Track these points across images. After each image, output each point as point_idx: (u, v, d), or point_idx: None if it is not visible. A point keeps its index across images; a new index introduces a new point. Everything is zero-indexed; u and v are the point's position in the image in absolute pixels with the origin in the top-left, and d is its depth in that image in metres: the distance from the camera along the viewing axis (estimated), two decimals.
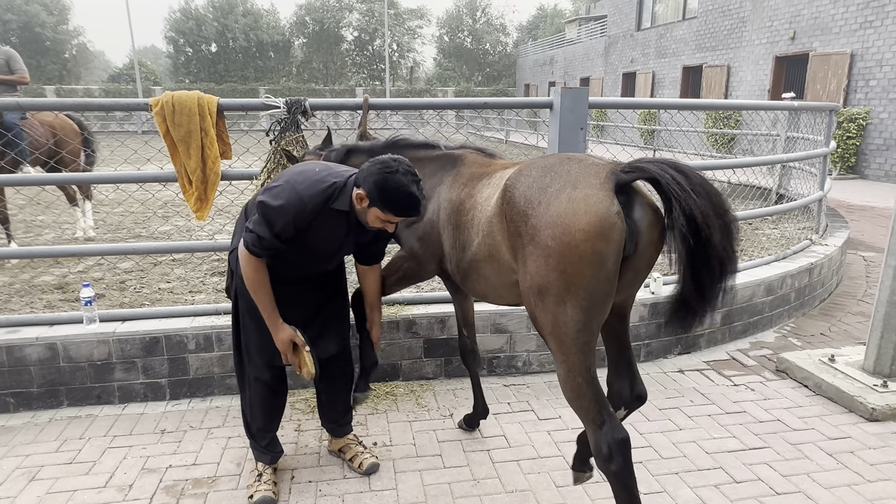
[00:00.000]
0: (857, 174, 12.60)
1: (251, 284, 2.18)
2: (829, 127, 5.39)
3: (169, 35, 40.17)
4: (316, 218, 2.12)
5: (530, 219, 1.78)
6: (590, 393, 1.80)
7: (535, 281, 1.77)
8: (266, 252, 2.13)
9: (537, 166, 1.89)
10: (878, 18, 12.17)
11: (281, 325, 2.24)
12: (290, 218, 2.07)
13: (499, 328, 3.46)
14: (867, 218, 8.33)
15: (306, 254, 2.25)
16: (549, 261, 1.72)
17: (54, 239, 6.59)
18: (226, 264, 5.49)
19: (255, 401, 2.47)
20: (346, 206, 2.13)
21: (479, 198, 2.15)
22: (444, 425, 2.98)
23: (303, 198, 2.07)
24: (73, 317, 3.27)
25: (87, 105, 3.21)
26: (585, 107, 3.32)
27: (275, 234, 2.08)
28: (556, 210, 1.72)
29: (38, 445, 2.81)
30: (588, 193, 1.70)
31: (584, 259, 1.68)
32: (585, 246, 1.67)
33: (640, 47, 22.47)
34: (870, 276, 5.54)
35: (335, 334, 2.53)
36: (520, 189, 1.85)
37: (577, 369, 1.79)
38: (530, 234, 1.78)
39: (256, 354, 2.40)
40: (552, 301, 1.75)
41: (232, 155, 3.27)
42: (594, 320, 1.77)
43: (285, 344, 2.25)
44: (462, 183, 2.32)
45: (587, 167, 1.79)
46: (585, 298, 1.72)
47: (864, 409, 3.02)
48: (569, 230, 1.68)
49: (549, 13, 46.79)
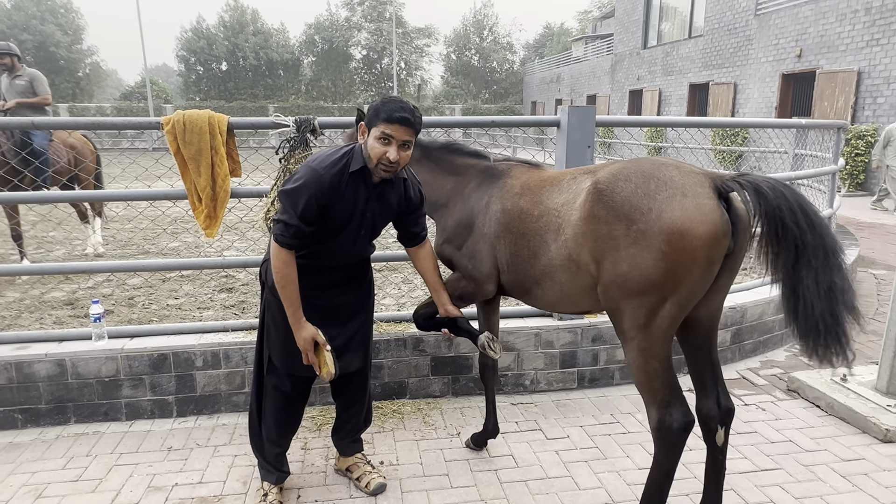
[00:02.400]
0: (866, 191, 12.54)
1: (279, 279, 2.19)
2: (838, 144, 5.37)
3: (180, 54, 40.75)
4: (336, 192, 2.17)
5: (636, 223, 1.86)
6: (665, 376, 1.96)
7: (637, 280, 1.87)
8: (294, 240, 2.16)
9: (634, 172, 1.96)
10: (884, 36, 12.19)
11: (304, 323, 2.24)
12: (312, 193, 2.11)
13: (507, 346, 3.44)
14: (877, 235, 8.28)
15: (333, 233, 2.25)
16: (660, 263, 1.82)
17: (65, 255, 6.64)
18: (234, 281, 5.55)
19: (271, 411, 2.47)
20: (360, 162, 2.18)
21: (552, 203, 2.20)
22: (452, 444, 2.95)
23: (319, 171, 2.14)
24: (82, 333, 3.28)
25: (100, 124, 3.25)
26: (593, 125, 3.33)
27: (300, 216, 2.12)
28: (670, 216, 1.82)
29: (45, 462, 2.81)
30: (700, 203, 1.82)
31: (697, 263, 1.82)
32: (701, 252, 1.81)
33: (646, 65, 22.58)
34: (881, 295, 5.49)
35: (360, 349, 2.51)
36: (621, 194, 1.92)
37: (658, 356, 1.93)
38: (633, 238, 1.86)
39: (278, 363, 2.40)
40: (654, 299, 1.87)
41: (241, 173, 3.30)
42: (684, 315, 1.93)
43: (307, 342, 2.24)
44: (517, 192, 2.38)
45: (688, 175, 1.90)
46: (686, 297, 1.88)
47: (878, 430, 2.97)
48: (686, 236, 1.80)
49: (555, 31, 47.16)
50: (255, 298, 4.98)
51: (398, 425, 3.15)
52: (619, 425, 3.13)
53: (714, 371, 2.13)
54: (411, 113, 2.12)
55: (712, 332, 2.11)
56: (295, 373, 2.40)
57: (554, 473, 2.71)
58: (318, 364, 2.28)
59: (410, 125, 2.12)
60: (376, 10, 44.29)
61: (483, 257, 2.47)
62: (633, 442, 2.97)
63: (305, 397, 2.56)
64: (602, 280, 1.98)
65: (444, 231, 2.66)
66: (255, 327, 3.40)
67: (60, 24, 38.56)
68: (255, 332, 3.34)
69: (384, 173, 2.18)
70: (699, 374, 2.14)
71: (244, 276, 5.66)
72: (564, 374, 3.54)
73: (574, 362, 3.53)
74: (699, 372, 2.14)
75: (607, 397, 3.45)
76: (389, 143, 2.11)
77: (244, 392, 3.26)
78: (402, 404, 3.36)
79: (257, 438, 2.54)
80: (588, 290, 2.11)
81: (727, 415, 2.12)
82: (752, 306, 3.95)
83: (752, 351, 4.03)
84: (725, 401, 2.12)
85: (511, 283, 2.43)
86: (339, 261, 2.39)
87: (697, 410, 2.12)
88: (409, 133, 2.13)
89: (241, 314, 4.56)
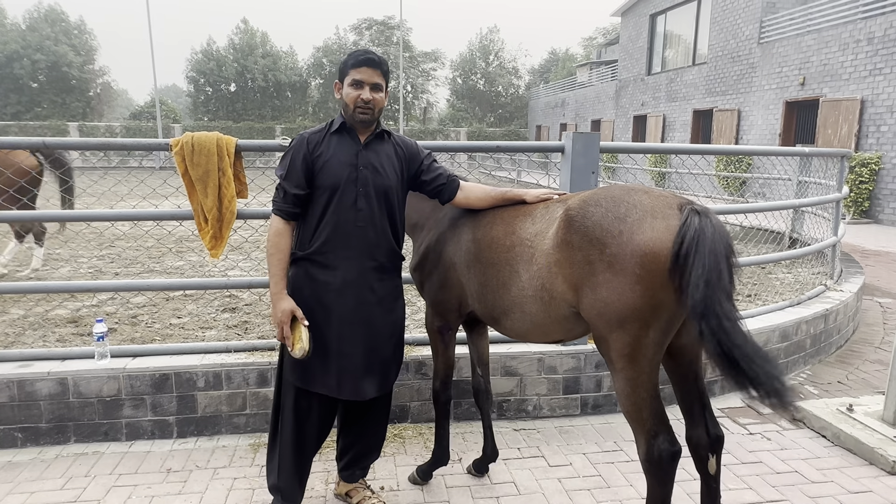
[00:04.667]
0: (871, 219, 12.53)
1: (269, 247, 2.28)
2: (842, 172, 5.39)
3: (190, 75, 41.31)
4: (318, 146, 2.29)
5: (609, 247, 1.86)
6: (652, 406, 1.92)
7: (616, 307, 1.85)
8: (286, 205, 2.27)
9: (603, 197, 1.97)
10: (887, 66, 12.29)
11: (283, 296, 2.25)
12: (294, 152, 2.28)
13: (509, 371, 3.43)
14: (882, 263, 8.25)
15: (329, 191, 2.27)
16: (637, 287, 1.80)
17: (70, 273, 6.67)
18: (237, 301, 5.55)
19: (286, 434, 2.37)
20: (341, 120, 2.33)
21: (524, 234, 2.19)
22: (453, 470, 2.92)
23: (303, 135, 2.33)
24: (84, 352, 3.29)
25: (111, 145, 3.30)
26: (597, 151, 3.36)
27: (284, 177, 2.27)
28: (641, 238, 1.81)
29: (43, 482, 2.79)
30: (670, 224, 1.82)
31: (671, 284, 1.78)
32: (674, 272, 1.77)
33: (650, 91, 22.78)
34: (887, 323, 5.45)
35: (376, 375, 2.38)
36: (591, 218, 1.93)
37: (645, 385, 1.90)
38: (608, 262, 1.85)
39: (291, 376, 2.33)
40: (636, 325, 1.84)
41: (248, 194, 3.33)
42: (668, 340, 1.91)
43: (285, 313, 2.22)
44: (488, 222, 2.37)
45: (657, 198, 1.92)
46: (668, 321, 1.85)
47: (885, 461, 2.93)
48: (659, 257, 1.78)
49: (560, 57, 47.71)
50: (258, 319, 4.98)
51: (399, 450, 3.12)
52: (623, 453, 3.10)
53: (702, 399, 2.10)
54: (374, 55, 2.27)
55: (697, 359, 2.09)
56: (307, 387, 2.32)
57: (556, 502, 2.67)
58: (293, 340, 2.22)
59: (376, 65, 2.25)
60: (384, 35, 44.95)
61: (451, 285, 2.45)
62: (637, 470, 2.93)
63: (323, 425, 2.44)
64: (583, 308, 1.96)
65: (417, 254, 2.68)
66: (258, 348, 3.40)
67: (73, 45, 39.18)
68: (256, 354, 3.34)
69: (362, 115, 2.27)
70: (687, 404, 2.11)
71: (248, 297, 5.66)
72: (567, 400, 3.51)
73: (577, 388, 3.51)
74: (687, 401, 2.11)
75: (610, 424, 3.42)
76: (361, 86, 2.25)
77: (245, 413, 3.25)
78: (403, 428, 3.33)
79: (272, 464, 2.44)
80: (561, 320, 2.09)
81: (717, 442, 2.09)
82: (757, 334, 3.92)
83: None
84: (714, 429, 2.08)
85: (480, 313, 2.42)
86: (353, 247, 2.29)
87: (687, 440, 2.09)
88: (377, 74, 2.26)
89: (244, 335, 4.55)
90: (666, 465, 1.93)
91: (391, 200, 2.36)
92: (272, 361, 3.24)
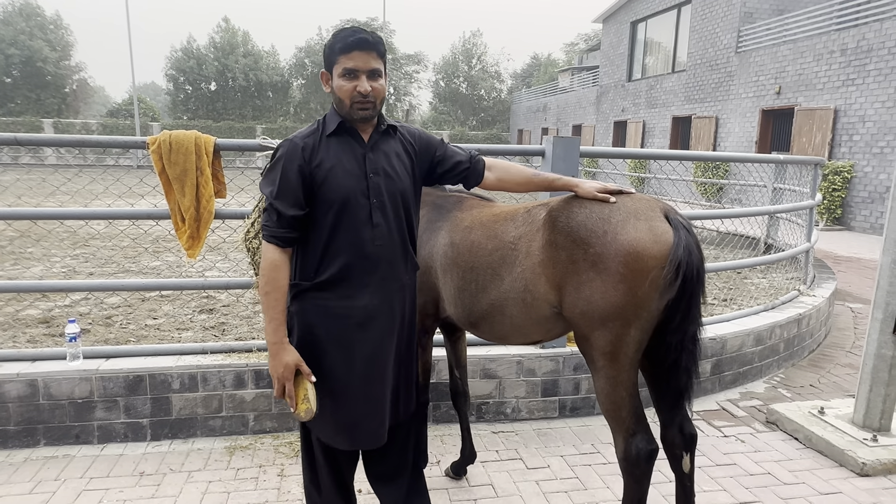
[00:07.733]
0: (843, 226, 12.81)
1: (263, 283, 1.84)
2: (815, 179, 5.50)
3: (169, 73, 40.75)
4: (314, 152, 1.87)
5: (593, 246, 1.88)
6: (631, 405, 1.95)
7: (599, 305, 1.87)
8: (280, 230, 1.83)
9: (586, 199, 2.01)
10: (859, 76, 12.59)
11: (285, 346, 1.85)
12: (285, 162, 1.84)
13: (488, 373, 3.43)
14: (854, 269, 8.43)
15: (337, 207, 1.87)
16: (620, 286, 1.84)
17: (43, 272, 6.53)
18: (215, 302, 5.48)
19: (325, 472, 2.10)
20: (336, 119, 1.91)
21: (507, 237, 2.19)
22: (431, 473, 2.92)
23: (292, 140, 1.89)
24: (56, 353, 3.22)
25: (86, 142, 3.24)
26: (577, 155, 3.38)
27: (276, 195, 1.82)
28: (625, 238, 1.85)
29: (10, 486, 2.73)
30: (653, 225, 1.87)
31: (654, 284, 1.82)
32: (657, 272, 1.82)
33: (630, 97, 23.05)
34: (857, 328, 5.57)
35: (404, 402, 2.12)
36: (576, 219, 1.96)
37: (625, 384, 1.93)
38: (592, 261, 1.88)
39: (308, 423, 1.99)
40: (618, 323, 1.87)
41: (227, 194, 3.29)
42: (647, 340, 1.94)
43: (288, 368, 1.83)
44: (467, 226, 2.35)
45: (640, 200, 1.96)
46: (648, 320, 1.88)
47: (855, 463, 3.00)
48: (642, 257, 1.82)
49: (542, 62, 48.01)
50: (236, 320, 4.93)
51: None
52: (600, 455, 3.12)
53: (677, 399, 2.11)
54: (367, 33, 1.84)
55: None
56: (324, 439, 2.00)
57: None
58: (296, 399, 1.88)
59: (371, 46, 1.83)
60: None
61: (427, 289, 2.43)
62: (614, 472, 2.96)
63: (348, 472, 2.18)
64: (566, 307, 1.98)
65: None
66: (235, 350, 3.37)
67: (49, 41, 38.44)
68: (233, 355, 3.30)
69: (362, 111, 1.87)
70: (662, 404, 2.12)
71: (225, 297, 5.60)
72: (546, 402, 3.53)
73: (556, 391, 3.53)
74: (662, 401, 2.12)
75: (588, 427, 3.44)
76: (356, 76, 1.83)
77: (221, 416, 3.21)
78: None
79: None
80: (541, 320, 2.10)
81: (690, 441, 2.11)
82: (732, 337, 3.98)
83: (731, 382, 4.05)
84: (688, 427, 2.11)
85: (456, 317, 2.40)
86: (372, 270, 1.93)
87: (662, 439, 2.11)
88: (372, 58, 1.84)
89: (221, 336, 4.50)
90: (643, 463, 1.96)
91: (408, 208, 2.01)
92: (249, 363, 3.20)
